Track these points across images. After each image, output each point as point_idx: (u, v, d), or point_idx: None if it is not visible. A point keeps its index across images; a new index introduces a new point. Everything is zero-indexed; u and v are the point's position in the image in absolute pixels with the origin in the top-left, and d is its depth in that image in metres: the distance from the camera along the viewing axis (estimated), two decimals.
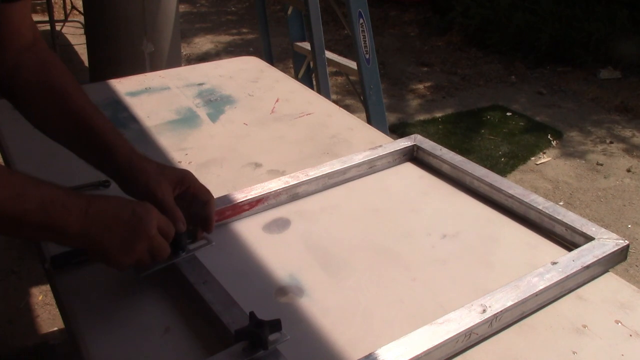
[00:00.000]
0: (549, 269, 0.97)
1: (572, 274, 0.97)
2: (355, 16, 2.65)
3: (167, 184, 0.96)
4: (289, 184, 1.21)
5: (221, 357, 0.80)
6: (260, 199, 1.18)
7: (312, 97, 1.75)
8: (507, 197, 1.19)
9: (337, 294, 0.98)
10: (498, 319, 0.88)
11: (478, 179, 1.24)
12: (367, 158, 1.32)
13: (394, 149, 1.36)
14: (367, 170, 1.33)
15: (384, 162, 1.35)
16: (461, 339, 0.85)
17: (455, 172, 1.29)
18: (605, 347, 0.88)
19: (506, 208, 1.20)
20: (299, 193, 1.24)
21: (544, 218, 1.13)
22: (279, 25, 5.09)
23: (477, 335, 0.87)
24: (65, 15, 5.35)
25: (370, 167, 1.33)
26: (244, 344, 0.81)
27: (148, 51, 2.84)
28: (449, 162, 1.30)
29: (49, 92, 0.97)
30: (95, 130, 0.96)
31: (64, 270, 1.00)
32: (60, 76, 0.99)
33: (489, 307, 0.88)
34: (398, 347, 0.82)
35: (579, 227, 1.08)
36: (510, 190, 1.19)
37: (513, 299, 0.90)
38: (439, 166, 1.33)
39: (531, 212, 1.15)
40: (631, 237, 2.94)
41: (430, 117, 4.22)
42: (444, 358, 0.85)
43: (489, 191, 1.23)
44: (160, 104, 1.66)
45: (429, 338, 0.83)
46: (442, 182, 1.31)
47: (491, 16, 5.36)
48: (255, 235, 1.13)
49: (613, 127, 4.11)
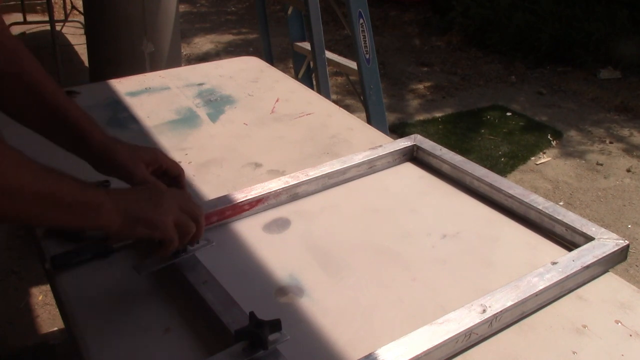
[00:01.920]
0: (549, 269, 0.97)
1: (572, 274, 0.97)
2: (355, 16, 2.65)
3: (142, 164, 0.99)
4: (289, 184, 1.21)
5: (221, 357, 0.80)
6: (261, 199, 1.18)
7: (312, 97, 1.75)
8: (507, 197, 1.19)
9: (337, 293, 0.98)
10: (498, 319, 0.88)
11: (478, 179, 1.24)
12: (367, 158, 1.32)
13: (394, 149, 1.36)
14: (367, 171, 1.33)
15: (384, 162, 1.35)
16: (461, 339, 0.85)
17: (455, 172, 1.30)
18: (605, 347, 0.88)
19: (506, 208, 1.20)
20: (299, 193, 1.24)
21: (544, 218, 1.13)
22: (279, 25, 5.09)
23: (477, 335, 0.87)
24: (65, 15, 5.35)
25: (370, 167, 1.33)
26: (244, 344, 0.81)
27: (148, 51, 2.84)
28: (448, 162, 1.30)
29: (21, 81, 0.97)
30: (69, 116, 0.98)
31: (64, 270, 1.00)
32: (30, 64, 0.98)
33: (489, 307, 0.88)
34: (398, 347, 0.82)
35: (579, 227, 1.08)
36: (510, 190, 1.19)
37: (513, 299, 0.90)
38: (439, 166, 1.33)
39: (531, 212, 1.15)
40: (631, 237, 2.94)
41: (430, 117, 4.22)
42: (444, 358, 0.85)
43: (488, 191, 1.23)
44: (160, 104, 1.66)
45: (429, 338, 0.83)
46: (442, 182, 1.31)
47: (491, 16, 5.36)
48: (256, 235, 1.13)
49: (613, 127, 4.11)
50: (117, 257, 1.04)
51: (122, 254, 1.04)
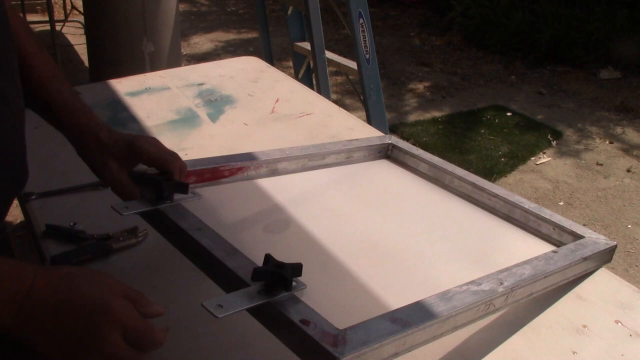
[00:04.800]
0: (551, 255, 0.96)
1: (575, 262, 0.96)
2: (355, 16, 2.65)
3: (112, 162, 0.90)
4: (270, 157, 1.20)
5: (236, 297, 0.70)
6: (241, 168, 1.15)
7: (312, 97, 1.75)
8: (490, 195, 1.20)
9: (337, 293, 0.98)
10: (514, 293, 0.86)
11: (460, 178, 1.25)
12: (345, 147, 1.32)
13: (370, 144, 1.36)
14: (345, 160, 1.32)
15: (360, 155, 1.35)
16: (482, 307, 0.82)
17: (433, 170, 1.30)
18: (605, 347, 0.88)
19: (490, 207, 1.20)
20: (278, 169, 1.22)
21: (530, 217, 1.14)
22: (279, 25, 5.09)
23: (495, 307, 0.84)
24: (65, 15, 5.35)
25: (348, 158, 1.33)
26: (259, 287, 0.72)
27: (148, 51, 2.84)
28: (427, 161, 1.31)
29: None
30: (32, 66, 0.87)
31: None
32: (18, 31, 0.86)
33: (505, 281, 0.86)
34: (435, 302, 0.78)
35: (567, 226, 1.09)
36: (494, 190, 1.20)
37: (527, 276, 0.88)
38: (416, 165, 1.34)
39: (516, 211, 1.16)
40: (631, 237, 2.94)
41: (430, 117, 4.22)
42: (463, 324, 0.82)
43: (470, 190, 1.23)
44: (160, 104, 1.66)
45: (459, 299, 0.79)
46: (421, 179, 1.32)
47: (491, 16, 5.37)
48: (256, 235, 1.12)
49: (613, 127, 4.11)
50: (117, 257, 1.04)
51: (122, 254, 1.04)
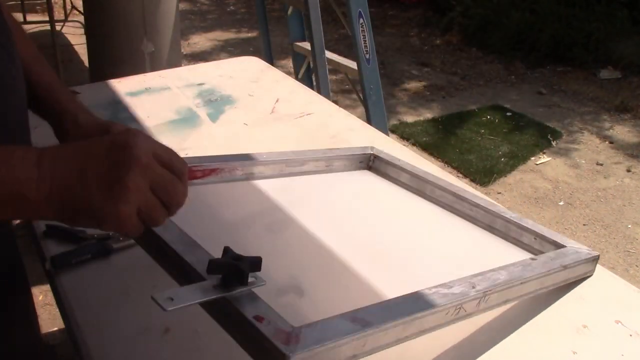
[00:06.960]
0: (529, 262, 0.93)
1: (554, 270, 0.93)
2: (355, 16, 2.65)
3: None
4: (246, 159, 1.17)
5: (189, 291, 0.66)
6: (215, 169, 1.10)
7: (312, 97, 1.75)
8: (472, 205, 1.17)
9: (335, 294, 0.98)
10: (486, 299, 0.84)
11: (441, 188, 1.22)
12: (324, 155, 1.28)
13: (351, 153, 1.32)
14: (324, 169, 1.28)
15: (340, 164, 1.31)
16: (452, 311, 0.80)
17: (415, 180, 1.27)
18: (605, 347, 0.88)
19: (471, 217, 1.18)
20: (254, 174, 1.18)
21: (511, 226, 1.11)
22: (279, 25, 5.09)
23: (465, 312, 0.82)
24: (65, 15, 5.35)
25: (327, 166, 1.29)
26: (214, 281, 0.67)
27: (148, 51, 2.84)
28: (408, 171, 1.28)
29: None
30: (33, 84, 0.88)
31: (64, 270, 1.00)
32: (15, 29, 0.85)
33: (477, 285, 0.84)
34: None
35: (548, 236, 1.06)
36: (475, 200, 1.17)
37: (502, 281, 0.85)
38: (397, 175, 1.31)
39: (497, 221, 1.13)
40: (631, 237, 2.94)
41: (430, 117, 4.22)
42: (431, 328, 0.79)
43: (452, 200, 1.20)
44: (160, 104, 1.66)
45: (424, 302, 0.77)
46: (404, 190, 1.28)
47: (491, 16, 5.37)
48: (256, 235, 1.12)
49: (613, 127, 4.11)
50: (117, 257, 1.04)
51: (122, 254, 1.05)
